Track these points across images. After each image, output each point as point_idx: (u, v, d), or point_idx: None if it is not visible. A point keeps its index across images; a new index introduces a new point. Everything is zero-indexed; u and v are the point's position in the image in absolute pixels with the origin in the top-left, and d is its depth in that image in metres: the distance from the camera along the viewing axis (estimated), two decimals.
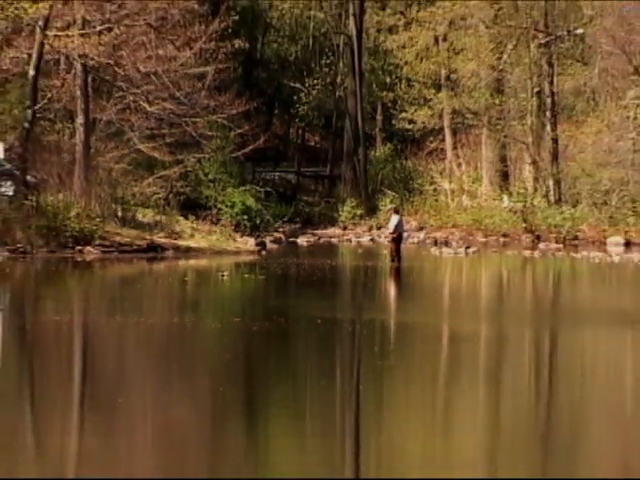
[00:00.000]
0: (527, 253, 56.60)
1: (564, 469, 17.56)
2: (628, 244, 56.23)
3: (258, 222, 59.27)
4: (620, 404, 22.67)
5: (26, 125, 50.80)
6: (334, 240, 63.86)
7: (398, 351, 28.76)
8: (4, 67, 49.01)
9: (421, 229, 63.34)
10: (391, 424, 20.59)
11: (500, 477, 13.20)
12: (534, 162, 65.52)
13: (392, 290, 43.35)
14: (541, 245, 58.34)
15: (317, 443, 19.07)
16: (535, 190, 63.94)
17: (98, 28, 50.70)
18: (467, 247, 59.42)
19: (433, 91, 68.90)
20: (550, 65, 64.33)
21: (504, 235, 61.60)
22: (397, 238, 48.94)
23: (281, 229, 61.71)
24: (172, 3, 52.72)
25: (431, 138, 70.41)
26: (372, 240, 62.15)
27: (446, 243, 61.39)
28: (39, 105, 50.99)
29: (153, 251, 49.49)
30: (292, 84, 73.97)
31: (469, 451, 18.96)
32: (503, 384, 25.40)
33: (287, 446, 18.86)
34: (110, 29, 51.04)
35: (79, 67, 51.96)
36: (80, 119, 52.41)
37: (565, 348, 29.77)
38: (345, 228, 66.22)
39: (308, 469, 17.72)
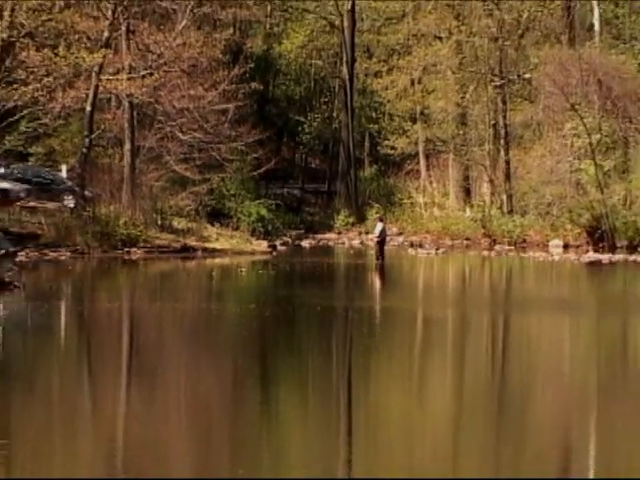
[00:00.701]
0: (485, 253, 56.48)
1: (515, 415, 17.86)
2: (566, 246, 56.15)
3: (270, 228, 59.13)
4: (558, 368, 22.83)
5: (84, 150, 50.83)
6: (331, 243, 63.64)
7: (382, 330, 28.74)
8: (67, 104, 48.95)
9: (400, 234, 63.10)
10: (377, 383, 20.73)
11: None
12: (491, 180, 65.42)
13: (377, 282, 43.33)
14: (496, 247, 58.16)
15: (317, 397, 19.23)
16: (491, 203, 63.78)
17: (142, 73, 50.73)
18: (437, 248, 59.32)
19: (410, 123, 68.70)
20: (504, 102, 64.24)
21: (467, 239, 61.42)
22: (381, 241, 48.97)
23: (288, 234, 61.51)
24: (201, 53, 52.73)
25: (408, 161, 70.20)
26: (361, 243, 61.94)
27: (420, 245, 61.18)
28: (94, 134, 50.99)
29: (186, 252, 49.41)
30: (297, 118, 73.77)
31: (439, 403, 19.04)
32: (465, 353, 25.45)
33: (294, 400, 19.12)
34: (151, 74, 51.08)
35: (126, 104, 51.99)
36: (127, 146, 52.47)
37: (515, 327, 29.71)
38: (340, 233, 65.98)
39: (310, 417, 17.87)
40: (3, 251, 38.97)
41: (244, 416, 17.65)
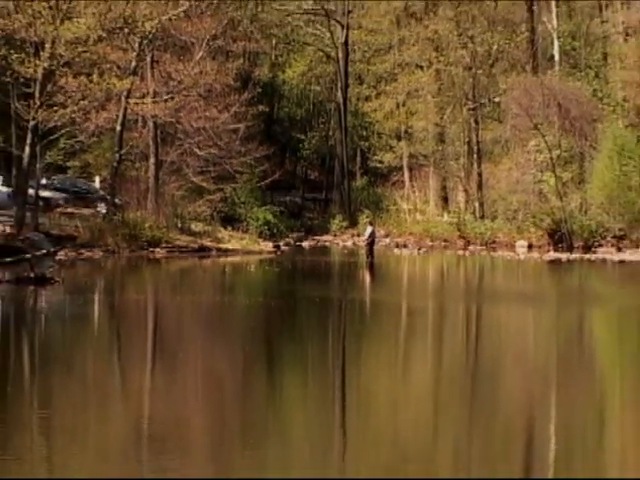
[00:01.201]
0: (460, 253, 56.50)
1: (486, 386, 18.02)
2: (530, 246, 56.16)
3: (275, 231, 59.16)
4: (522, 349, 22.92)
5: (114, 164, 50.85)
6: (327, 243, 63.62)
7: (371, 317, 28.85)
8: (100, 124, 49.04)
9: (387, 236, 63.08)
10: (367, 360, 20.91)
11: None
12: (465, 190, 65.51)
13: (367, 278, 43.39)
14: (470, 247, 58.20)
15: (316, 372, 19.30)
16: (466, 209, 63.85)
17: (164, 97, 50.80)
18: (419, 248, 59.37)
19: (395, 141, 68.78)
20: (476, 122, 64.29)
21: (444, 240, 61.41)
22: (371, 242, 48.96)
23: (291, 236, 61.53)
24: (215, 80, 52.80)
25: (394, 173, 70.18)
26: (353, 244, 61.92)
27: (404, 246, 61.23)
28: (124, 150, 51.01)
29: (202, 251, 49.43)
30: (298, 136, 73.86)
31: (419, 376, 19.16)
32: (442, 336, 25.51)
33: (297, 373, 19.24)
34: (172, 98, 51.15)
35: (151, 124, 52.07)
36: (152, 160, 52.55)
37: (485, 315, 29.78)
38: (335, 235, 65.97)
39: (310, 388, 17.92)
40: (45, 251, 39.05)
41: (253, 388, 17.78)
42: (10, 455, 12.49)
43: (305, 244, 61.67)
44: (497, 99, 63.19)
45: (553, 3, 63.86)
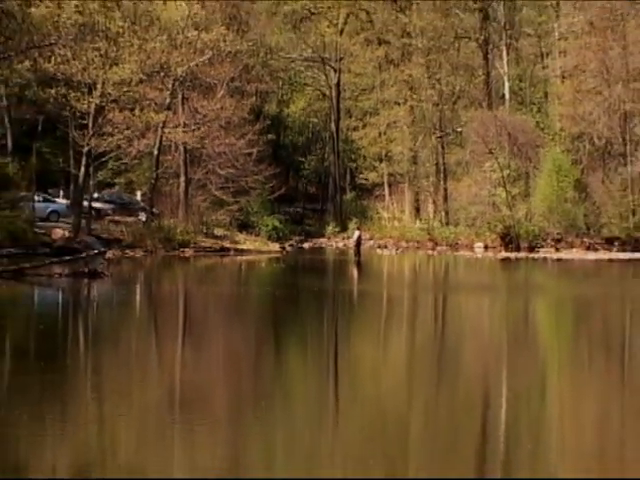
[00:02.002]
0: (429, 252, 56.57)
1: (449, 354, 17.97)
2: (486, 247, 56.15)
3: (281, 235, 59.19)
4: (480, 327, 22.95)
5: (152, 181, 50.92)
6: (323, 245, 63.68)
7: (358, 302, 28.93)
8: (140, 149, 49.19)
9: (371, 239, 63.02)
10: (354, 336, 20.90)
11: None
12: (434, 202, 65.54)
13: (355, 272, 43.50)
14: (438, 248, 58.29)
15: (314, 342, 19.39)
16: (434, 217, 63.89)
17: (192, 127, 50.91)
18: (397, 249, 59.48)
19: (378, 162, 68.83)
20: (442, 148, 64.34)
21: (417, 242, 61.36)
22: (358, 244, 49.11)
23: (294, 239, 61.65)
24: (233, 113, 52.95)
25: (377, 188, 70.14)
26: (344, 245, 61.86)
27: (385, 246, 61.24)
28: (159, 170, 51.09)
29: (223, 251, 49.47)
30: (300, 159, 73.99)
31: (395, 347, 19.16)
32: (415, 316, 25.51)
33: (299, 342, 19.28)
34: (199, 128, 51.25)
35: (181, 149, 52.16)
36: (182, 178, 52.61)
37: (449, 301, 29.75)
38: (329, 238, 65.90)
39: (309, 354, 18.04)
40: (96, 251, 39.14)
41: (265, 355, 17.86)
42: (70, 411, 12.55)
43: (305, 245, 61.71)
44: (459, 129, 63.33)
45: (504, 52, 63.92)
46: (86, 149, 45.22)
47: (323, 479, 7.86)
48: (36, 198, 47.30)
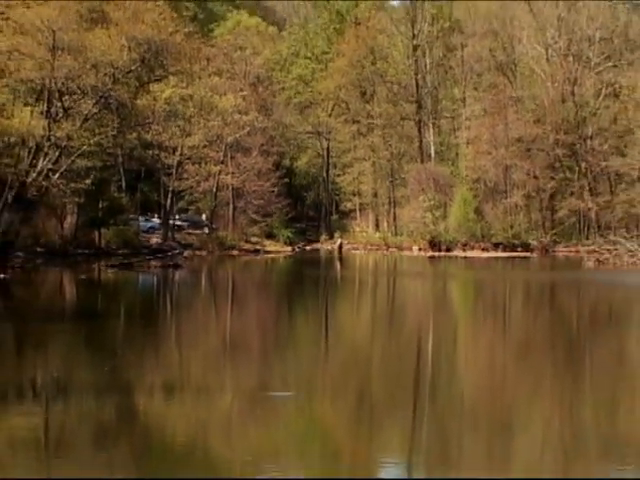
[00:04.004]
0: (384, 252, 56.55)
1: (396, 315, 17.80)
2: (420, 249, 55.95)
3: (292, 241, 58.99)
4: (415, 297, 22.80)
5: (212, 208, 50.85)
6: (318, 248, 63.03)
7: (341, 283, 28.67)
8: (204, 188, 49.16)
9: (348, 244, 62.63)
10: (338, 304, 20.69)
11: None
12: (387, 221, 65.45)
13: (338, 264, 43.61)
14: (389, 249, 58.19)
15: (312, 310, 19.31)
16: (387, 230, 63.86)
17: (237, 175, 50.91)
18: (364, 250, 59.41)
19: (352, 197, 68.52)
20: (393, 188, 64.06)
21: (377, 246, 61.04)
22: (340, 247, 49.37)
23: (300, 244, 61.51)
24: (262, 166, 52.91)
25: (352, 212, 69.88)
26: (332, 248, 61.49)
27: (357, 249, 60.92)
28: (216, 201, 51.06)
29: (256, 252, 49.39)
30: (304, 193, 73.63)
31: (363, 310, 19.09)
32: (376, 291, 25.27)
33: (302, 308, 19.07)
34: (241, 175, 51.20)
35: (230, 188, 52.07)
36: (231, 206, 52.37)
37: (397, 282, 29.69)
38: (322, 243, 65.16)
39: (309, 316, 17.93)
40: (177, 251, 39.35)
41: (281, 309, 18.03)
42: (160, 349, 12.72)
43: (307, 248, 61.56)
44: (403, 176, 63.13)
45: (431, 128, 64.10)
46: (171, 188, 45.46)
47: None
48: (140, 219, 47.42)
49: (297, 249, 57.14)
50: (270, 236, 56.60)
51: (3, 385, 8.96)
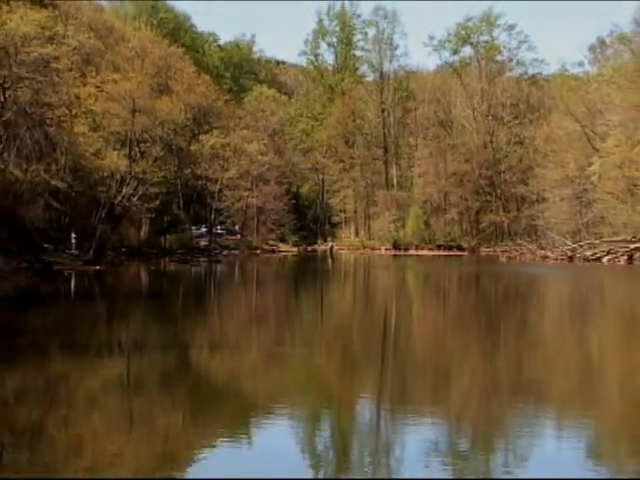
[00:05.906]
0: (362, 252, 56.11)
1: (369, 295, 17.45)
2: (386, 249, 55.72)
3: (298, 244, 58.73)
4: (384, 283, 22.36)
5: (242, 220, 50.31)
6: (316, 249, 62.52)
7: (332, 274, 28.46)
8: (237, 207, 48.64)
9: (337, 246, 62.34)
10: (331, 289, 20.35)
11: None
12: (364, 230, 64.99)
13: (330, 260, 43.27)
14: (365, 250, 57.79)
15: (311, 293, 18.95)
16: (364, 236, 63.47)
17: (260, 197, 50.42)
18: (349, 250, 58.91)
19: (340, 213, 67.43)
20: (367, 207, 63.13)
21: (357, 247, 60.76)
22: (331, 249, 49.02)
23: (303, 246, 60.86)
24: (277, 190, 52.58)
25: (340, 224, 69.32)
26: (325, 249, 61.29)
27: (343, 250, 60.47)
28: (245, 216, 50.61)
29: (273, 252, 49.21)
30: (306, 211, 72.89)
31: (349, 292, 18.64)
32: (356, 279, 25.02)
33: (306, 292, 18.75)
34: (262, 197, 50.83)
35: (255, 207, 51.55)
36: (255, 219, 51.70)
37: (371, 273, 29.47)
38: (319, 246, 65.18)
39: (309, 296, 17.60)
40: (218, 251, 39.13)
41: (290, 294, 17.83)
42: (207, 318, 12.54)
43: (308, 249, 61.00)
44: (375, 199, 62.69)
45: (394, 165, 64.01)
46: (214, 207, 45.21)
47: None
48: (193, 228, 47.15)
49: (301, 250, 56.75)
50: (282, 240, 56.27)
51: (99, 345, 9.05)
